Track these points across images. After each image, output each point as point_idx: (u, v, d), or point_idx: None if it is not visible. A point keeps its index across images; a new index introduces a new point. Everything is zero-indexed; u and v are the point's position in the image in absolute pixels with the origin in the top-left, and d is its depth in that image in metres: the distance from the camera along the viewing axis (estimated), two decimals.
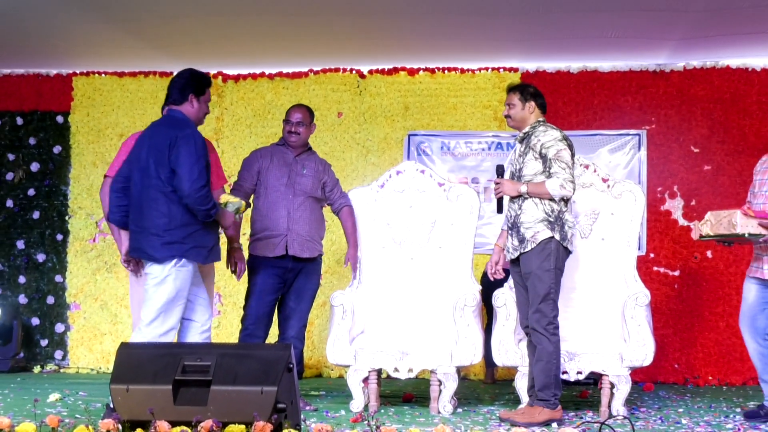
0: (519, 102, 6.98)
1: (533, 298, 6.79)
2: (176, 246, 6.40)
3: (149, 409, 5.55)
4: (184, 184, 6.31)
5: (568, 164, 6.75)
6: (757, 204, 6.64)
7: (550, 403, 6.74)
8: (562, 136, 6.84)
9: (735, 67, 9.71)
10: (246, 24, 8.61)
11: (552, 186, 6.69)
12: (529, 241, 6.76)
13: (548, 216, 6.76)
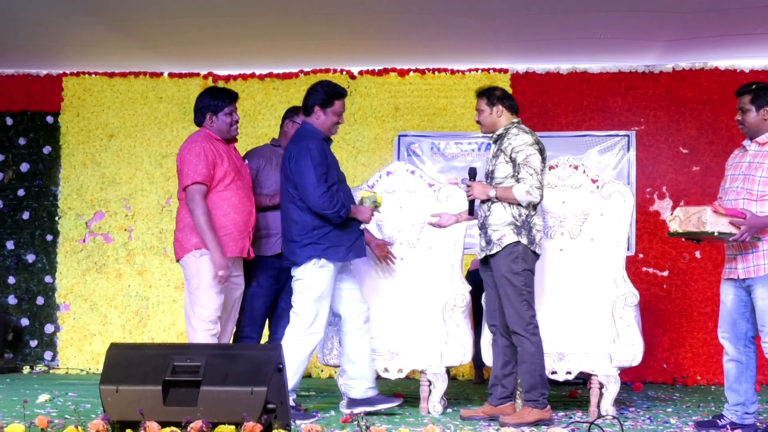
0: (487, 107, 7.01)
1: (507, 301, 6.83)
2: (311, 248, 6.89)
3: (139, 409, 5.55)
4: (306, 193, 6.84)
5: (537, 170, 6.78)
6: (728, 201, 6.60)
7: (538, 403, 6.77)
8: (533, 141, 6.86)
9: (723, 68, 9.74)
10: (236, 25, 8.61)
11: (519, 192, 6.73)
12: (495, 243, 6.81)
13: (515, 220, 6.80)
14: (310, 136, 6.99)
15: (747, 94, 6.50)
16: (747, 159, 6.56)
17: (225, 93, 7.17)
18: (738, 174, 6.59)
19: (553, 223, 7.62)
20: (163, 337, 9.98)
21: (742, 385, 6.62)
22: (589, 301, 7.50)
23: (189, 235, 6.87)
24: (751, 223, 6.45)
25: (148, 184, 10.17)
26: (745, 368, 6.64)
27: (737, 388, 6.66)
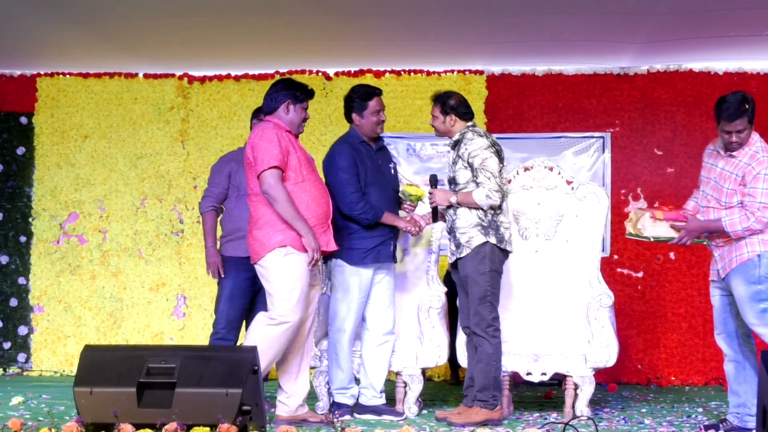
0: (440, 114, 7.08)
1: (472, 301, 6.88)
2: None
3: (113, 411, 5.55)
4: (336, 197, 6.96)
5: (494, 173, 6.82)
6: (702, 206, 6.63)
7: (488, 403, 6.83)
8: (488, 144, 6.90)
9: (698, 70, 9.78)
10: (212, 25, 8.59)
11: (479, 197, 6.79)
12: (464, 246, 6.86)
13: (481, 221, 6.84)
14: (340, 141, 7.22)
15: (744, 116, 6.41)
16: (720, 165, 6.58)
17: (306, 87, 6.90)
18: (710, 178, 6.62)
19: (528, 225, 7.64)
20: (137, 339, 9.95)
21: (741, 386, 6.63)
22: (564, 303, 7.52)
23: (271, 232, 6.55)
24: (689, 227, 6.55)
25: (123, 186, 10.13)
26: (742, 368, 6.66)
27: (737, 390, 6.67)
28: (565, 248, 7.62)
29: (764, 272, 6.41)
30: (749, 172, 6.39)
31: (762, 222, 6.35)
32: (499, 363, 6.92)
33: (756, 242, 6.42)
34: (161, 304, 10.05)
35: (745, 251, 6.44)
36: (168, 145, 10.13)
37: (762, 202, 6.34)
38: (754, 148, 6.46)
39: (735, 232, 6.37)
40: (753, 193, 6.36)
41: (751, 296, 6.43)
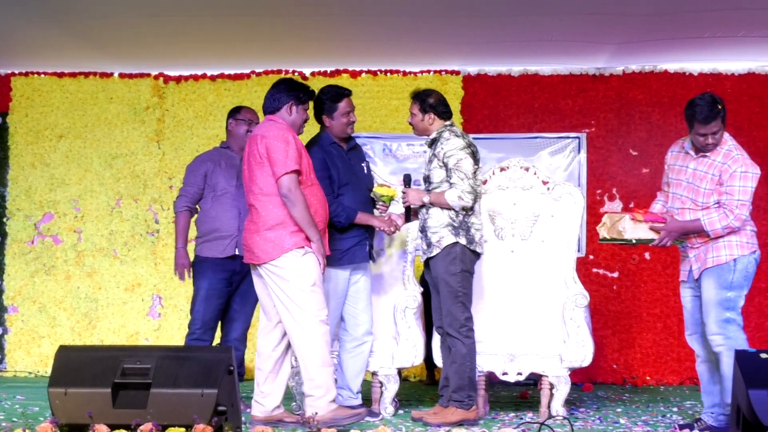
0: (419, 112, 7.09)
1: (443, 301, 6.90)
2: None
3: (88, 412, 5.53)
4: None
5: (467, 174, 6.84)
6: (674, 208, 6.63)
7: (464, 404, 6.85)
8: (464, 144, 6.92)
9: (673, 71, 9.82)
10: (187, 25, 8.56)
11: (451, 197, 6.81)
12: (434, 245, 6.89)
13: (452, 221, 6.87)
14: (311, 143, 7.08)
15: (718, 117, 6.42)
16: (691, 166, 6.59)
17: (309, 88, 6.86)
18: (682, 180, 6.63)
19: (504, 225, 7.65)
20: (112, 339, 9.92)
21: (716, 386, 6.65)
22: (540, 303, 7.54)
23: (285, 233, 6.50)
24: (670, 228, 6.57)
25: (98, 185, 10.09)
26: (715, 368, 6.67)
27: (711, 390, 6.69)
28: (540, 248, 7.64)
29: (737, 278, 6.45)
30: (725, 171, 6.43)
31: (740, 219, 6.39)
32: (473, 363, 6.94)
33: (734, 245, 6.47)
34: (136, 304, 10.02)
35: (723, 253, 6.47)
36: (143, 145, 10.10)
37: (740, 200, 6.39)
38: (726, 147, 6.50)
39: (714, 230, 6.41)
40: (730, 191, 6.40)
41: (720, 302, 6.45)
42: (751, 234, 6.55)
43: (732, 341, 6.41)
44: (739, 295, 6.50)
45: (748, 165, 6.46)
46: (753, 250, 6.54)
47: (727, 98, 9.54)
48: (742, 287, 6.51)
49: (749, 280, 6.55)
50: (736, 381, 5.87)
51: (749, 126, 9.72)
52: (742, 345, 6.42)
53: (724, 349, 6.44)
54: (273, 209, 6.52)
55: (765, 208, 9.66)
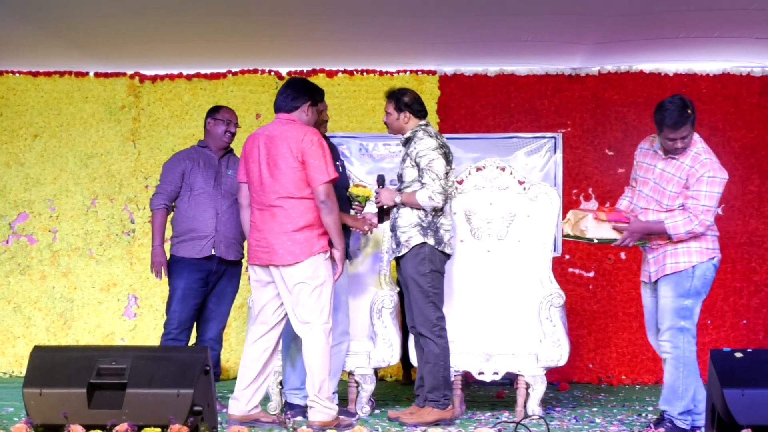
0: (394, 111, 7.11)
1: (414, 302, 6.92)
2: None
3: (63, 412, 5.51)
4: None
5: (439, 175, 6.86)
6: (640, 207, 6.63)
7: (439, 403, 6.87)
8: (437, 145, 6.93)
9: (648, 71, 9.85)
10: (163, 24, 8.54)
11: (422, 198, 6.83)
12: (403, 245, 6.91)
13: (421, 221, 6.89)
14: None
15: (688, 122, 6.38)
16: (659, 166, 6.57)
17: (322, 90, 6.93)
18: (649, 179, 6.60)
19: (480, 225, 7.67)
20: (88, 339, 9.88)
21: None
22: (516, 302, 7.56)
23: (313, 236, 6.51)
24: (632, 228, 6.53)
25: (73, 185, 10.05)
26: None
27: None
28: (516, 248, 7.65)
29: (695, 285, 6.40)
30: (692, 175, 6.37)
31: (704, 225, 6.34)
32: (447, 362, 6.95)
33: (694, 252, 6.41)
34: (112, 304, 9.98)
35: (681, 260, 6.42)
36: (119, 144, 10.06)
37: (705, 205, 6.32)
38: (695, 149, 6.44)
39: (678, 234, 6.36)
40: (696, 195, 6.34)
41: (676, 310, 6.42)
42: (713, 239, 6.48)
43: (679, 351, 6.41)
44: (696, 302, 6.44)
45: (716, 170, 6.38)
46: (712, 257, 6.46)
47: (701, 98, 9.66)
48: (700, 294, 6.45)
49: (707, 286, 6.49)
50: (711, 381, 5.89)
51: (724, 126, 9.76)
52: (690, 357, 6.42)
53: (670, 357, 6.45)
54: (304, 211, 6.51)
55: (739, 208, 9.71)
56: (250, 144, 6.66)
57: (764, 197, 9.70)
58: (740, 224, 9.69)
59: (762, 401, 5.60)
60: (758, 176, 9.72)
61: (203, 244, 7.53)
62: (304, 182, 6.48)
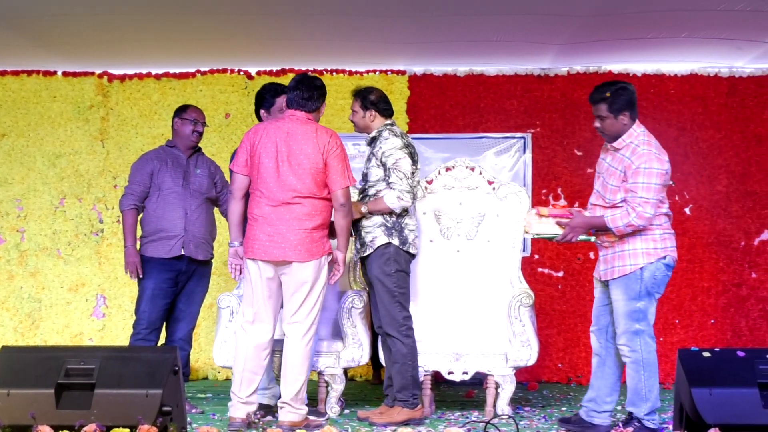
0: (360, 109, 7.13)
1: (380, 302, 6.94)
2: None
3: (31, 413, 5.48)
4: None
5: (406, 174, 6.89)
6: (590, 202, 6.68)
7: (409, 403, 6.89)
8: (402, 144, 6.96)
9: (617, 72, 9.88)
10: (132, 23, 8.50)
11: (390, 200, 6.85)
12: (368, 245, 6.93)
13: (386, 222, 6.92)
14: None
15: (602, 103, 6.44)
16: (608, 160, 6.58)
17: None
18: (600, 174, 6.63)
19: (450, 224, 7.68)
20: (56, 340, 9.83)
21: (598, 381, 6.65)
22: (486, 302, 7.57)
23: (325, 236, 6.66)
24: (574, 223, 6.54)
25: (42, 185, 9.99)
26: (602, 363, 6.69)
27: (593, 384, 6.70)
28: (486, 248, 7.67)
29: (645, 287, 6.38)
30: (629, 167, 6.36)
31: (643, 217, 6.29)
32: (415, 362, 6.96)
33: (639, 254, 6.39)
34: (80, 304, 9.93)
35: (628, 263, 6.41)
36: (87, 144, 10.01)
37: (642, 197, 6.29)
38: (635, 141, 6.42)
39: (617, 228, 6.33)
40: (634, 188, 6.32)
41: (628, 314, 6.42)
42: (662, 238, 6.45)
43: (638, 354, 6.41)
44: (648, 304, 6.42)
45: (653, 160, 6.34)
46: (662, 256, 6.43)
47: (670, 99, 9.71)
48: (652, 295, 6.42)
49: (660, 286, 6.46)
50: (679, 380, 5.93)
51: (692, 127, 9.82)
52: (649, 357, 6.41)
53: (629, 361, 6.45)
54: (322, 210, 6.60)
55: (707, 208, 9.76)
56: (262, 137, 6.63)
57: (732, 197, 9.76)
58: (708, 224, 9.74)
59: (729, 400, 5.65)
60: (726, 176, 9.77)
61: (172, 244, 7.51)
62: (324, 183, 6.56)
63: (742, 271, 9.74)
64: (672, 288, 9.68)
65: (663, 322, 9.69)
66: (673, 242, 6.52)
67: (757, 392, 5.68)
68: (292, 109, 6.67)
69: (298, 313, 6.57)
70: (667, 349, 9.60)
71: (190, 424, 6.19)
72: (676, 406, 6.02)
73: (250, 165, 6.60)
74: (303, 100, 6.65)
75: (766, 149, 9.78)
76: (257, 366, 6.64)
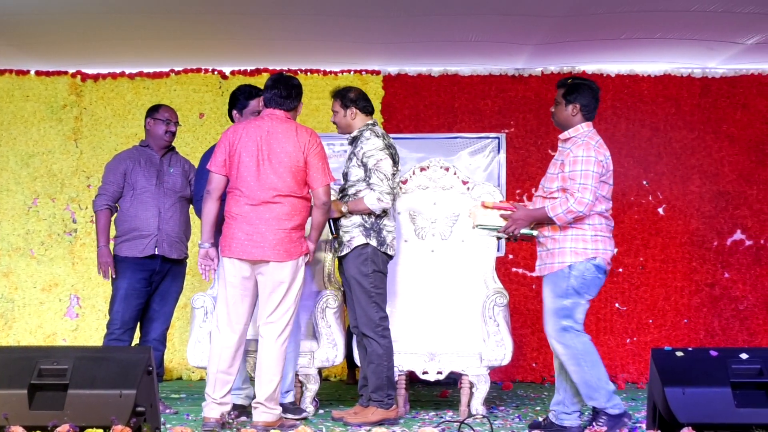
0: (341, 109, 7.14)
1: (357, 302, 6.95)
2: None
3: (3, 414, 5.45)
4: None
5: (387, 175, 6.90)
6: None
7: (383, 403, 6.90)
8: (383, 145, 6.98)
9: (591, 72, 9.91)
10: (105, 22, 8.48)
11: (370, 201, 6.87)
12: (345, 245, 6.95)
13: (364, 222, 6.93)
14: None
15: (561, 87, 6.50)
16: (556, 155, 6.62)
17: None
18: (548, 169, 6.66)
19: (425, 224, 7.69)
20: (29, 340, 9.79)
21: (563, 383, 6.62)
22: (460, 302, 7.59)
23: (302, 236, 6.67)
24: (516, 216, 6.49)
25: (14, 184, 9.94)
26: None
27: (558, 386, 6.66)
28: (460, 248, 7.68)
29: (572, 285, 6.35)
30: (567, 156, 6.36)
31: (582, 203, 6.24)
32: (390, 362, 6.97)
33: (567, 252, 6.36)
34: (54, 304, 9.89)
35: (556, 261, 6.40)
36: (61, 143, 9.97)
37: (581, 183, 6.24)
38: (580, 138, 6.41)
39: (558, 216, 6.29)
40: (572, 176, 6.29)
41: (556, 311, 6.42)
42: (592, 239, 6.37)
43: (571, 350, 6.40)
44: (576, 302, 6.38)
45: (590, 149, 6.32)
46: (592, 257, 6.35)
47: (643, 99, 9.77)
48: (580, 294, 6.37)
49: (589, 287, 6.38)
50: (652, 379, 5.95)
51: (665, 127, 9.86)
52: (585, 348, 6.38)
53: (566, 358, 6.43)
54: (301, 210, 6.61)
55: (680, 208, 9.81)
56: (242, 137, 6.61)
57: (705, 197, 9.81)
58: (681, 224, 9.79)
59: (702, 400, 5.67)
60: (699, 177, 9.82)
61: (146, 243, 7.49)
62: (304, 181, 6.58)
63: (715, 270, 9.79)
64: (645, 288, 9.74)
65: (636, 322, 9.74)
66: (606, 245, 6.41)
67: (729, 391, 5.70)
68: (271, 108, 6.67)
69: (275, 313, 6.56)
70: (640, 349, 9.65)
71: (164, 425, 6.17)
72: (650, 405, 6.03)
73: (229, 165, 6.58)
74: (281, 98, 6.65)
75: (739, 149, 9.83)
76: (231, 367, 6.62)
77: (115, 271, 7.56)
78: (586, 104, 6.47)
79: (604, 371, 6.43)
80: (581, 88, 6.49)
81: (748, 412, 5.64)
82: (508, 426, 6.93)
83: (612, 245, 6.48)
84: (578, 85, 6.49)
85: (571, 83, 6.50)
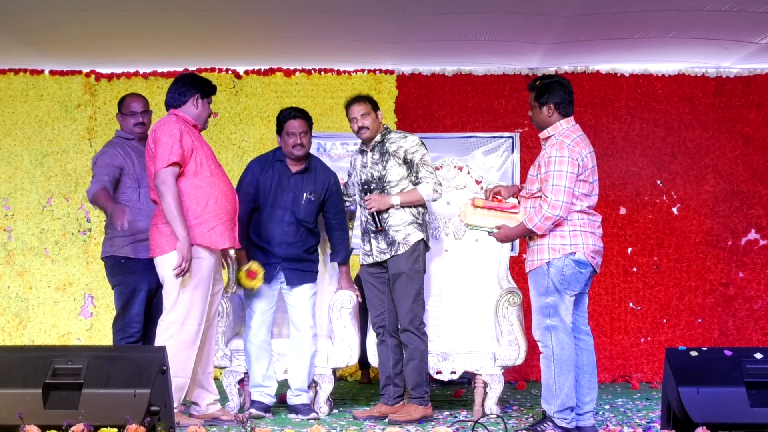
0: (373, 111, 7.13)
1: (404, 299, 6.95)
2: None
3: (18, 413, 5.45)
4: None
5: (433, 167, 7.03)
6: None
7: (423, 400, 6.94)
8: (420, 141, 7.12)
9: (604, 72, 9.90)
10: (120, 21, 8.49)
11: (426, 192, 6.90)
12: (401, 243, 6.92)
13: (416, 218, 6.97)
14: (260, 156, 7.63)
15: (531, 91, 6.44)
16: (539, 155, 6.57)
17: (211, 83, 6.93)
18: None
19: (439, 224, 7.69)
20: (43, 339, 9.80)
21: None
22: (474, 301, 7.59)
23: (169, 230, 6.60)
24: (498, 237, 6.52)
25: (29, 184, 9.97)
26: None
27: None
28: (474, 247, 7.67)
29: (552, 282, 6.29)
30: (542, 157, 6.33)
31: (556, 206, 6.18)
32: (428, 359, 7.07)
33: (545, 249, 6.31)
34: (68, 303, 9.91)
35: (536, 258, 6.36)
36: (75, 143, 9.99)
37: (554, 185, 6.18)
38: (559, 136, 6.34)
39: (536, 226, 6.24)
40: (546, 177, 6.23)
41: (540, 309, 6.38)
42: (571, 235, 6.29)
43: (549, 350, 6.35)
44: (559, 299, 6.31)
45: (564, 149, 6.24)
46: (570, 252, 6.27)
47: (657, 99, 9.75)
48: (561, 291, 6.30)
49: (570, 283, 6.30)
50: (666, 379, 5.94)
51: (679, 127, 9.84)
52: (561, 354, 6.31)
53: (542, 356, 6.40)
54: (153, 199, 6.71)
55: (694, 208, 9.79)
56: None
57: (719, 197, 9.79)
58: (695, 224, 9.77)
59: (717, 399, 5.66)
60: (713, 176, 9.80)
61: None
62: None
63: (729, 270, 9.77)
64: (660, 287, 9.72)
65: (651, 321, 9.72)
66: (587, 239, 6.30)
67: (744, 391, 5.69)
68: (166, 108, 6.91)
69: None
70: (654, 348, 9.63)
71: (178, 424, 6.17)
72: (664, 405, 6.02)
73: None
74: (170, 96, 6.84)
75: (753, 149, 9.81)
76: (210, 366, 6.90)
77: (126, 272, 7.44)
78: (559, 102, 6.40)
79: (571, 384, 6.33)
80: (551, 87, 6.42)
81: (762, 412, 5.63)
82: (522, 426, 6.92)
83: (595, 240, 6.35)
84: (547, 85, 6.43)
85: (540, 85, 6.43)
